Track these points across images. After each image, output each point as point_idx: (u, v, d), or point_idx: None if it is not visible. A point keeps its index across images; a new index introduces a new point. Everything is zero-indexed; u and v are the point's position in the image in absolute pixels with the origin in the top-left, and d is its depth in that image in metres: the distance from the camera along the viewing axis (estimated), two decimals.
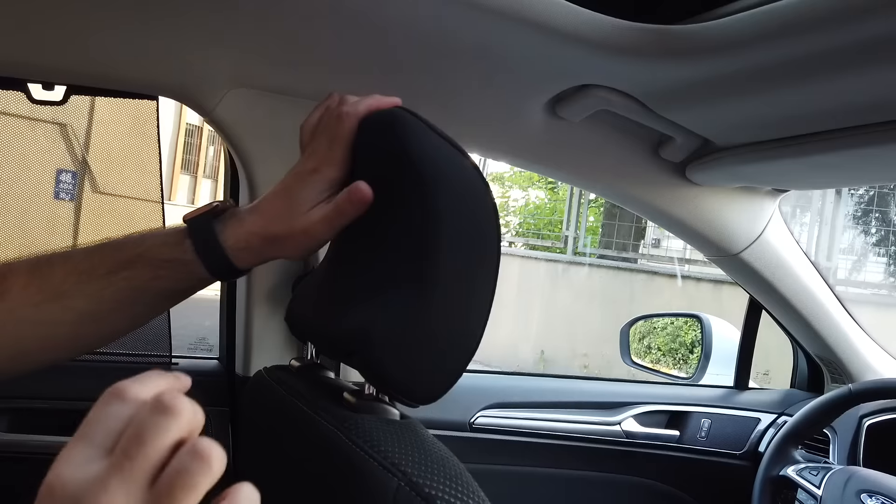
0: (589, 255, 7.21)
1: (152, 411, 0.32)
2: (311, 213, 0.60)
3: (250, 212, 0.62)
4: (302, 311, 0.71)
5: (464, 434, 1.30)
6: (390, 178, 0.57)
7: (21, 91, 0.90)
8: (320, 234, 0.60)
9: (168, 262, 0.61)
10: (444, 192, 0.55)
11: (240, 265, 0.62)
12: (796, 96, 0.85)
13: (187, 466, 0.31)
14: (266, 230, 0.61)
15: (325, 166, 0.60)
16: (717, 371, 1.61)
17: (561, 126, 1.07)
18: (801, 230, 5.89)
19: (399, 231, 0.56)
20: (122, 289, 0.60)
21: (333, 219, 0.59)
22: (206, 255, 0.61)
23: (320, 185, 0.60)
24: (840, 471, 1.16)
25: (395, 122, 0.58)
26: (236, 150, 0.98)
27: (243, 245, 0.61)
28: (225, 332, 1.15)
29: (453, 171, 0.56)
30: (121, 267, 0.60)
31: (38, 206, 4.61)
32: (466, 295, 0.57)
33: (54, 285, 0.59)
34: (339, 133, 0.60)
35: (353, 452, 0.52)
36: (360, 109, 0.60)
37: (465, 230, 0.56)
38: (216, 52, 0.89)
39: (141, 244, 0.62)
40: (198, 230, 0.61)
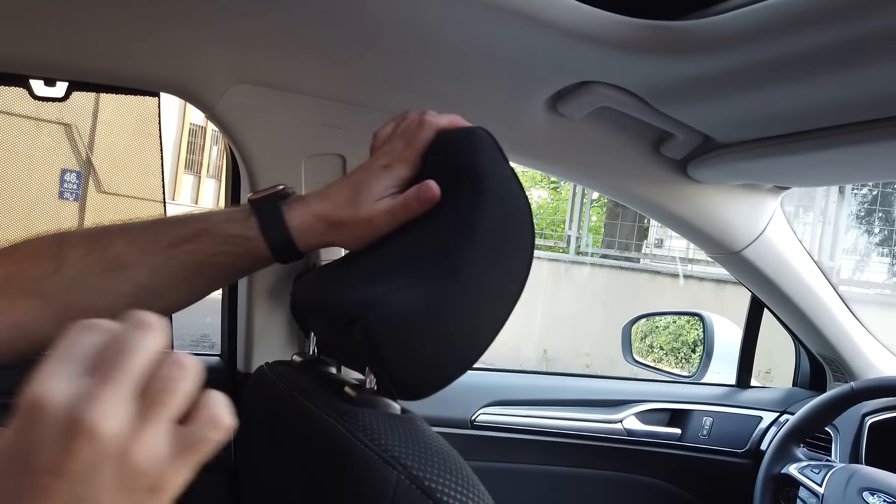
0: (591, 254, 7.21)
1: (132, 327, 0.33)
2: (377, 203, 0.62)
3: (317, 196, 0.65)
4: (309, 286, 0.71)
5: (465, 431, 1.30)
6: (449, 185, 0.59)
7: (23, 87, 0.90)
8: (382, 225, 0.62)
9: (232, 238, 0.62)
10: (494, 206, 0.57)
11: (301, 246, 0.64)
12: (798, 92, 0.85)
13: (170, 373, 0.32)
14: (332, 214, 0.63)
15: (398, 164, 0.63)
16: (718, 369, 1.61)
17: (562, 123, 1.07)
18: (804, 230, 5.87)
19: (440, 229, 0.58)
20: (183, 262, 0.61)
21: (399, 212, 0.61)
22: (270, 232, 0.62)
23: (390, 180, 0.63)
24: (842, 469, 1.16)
25: (472, 136, 0.61)
26: (237, 145, 0.98)
27: (307, 226, 0.63)
28: (226, 328, 1.15)
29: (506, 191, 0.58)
30: (184, 241, 0.61)
31: (44, 206, 4.63)
32: (487, 300, 0.58)
33: (115, 255, 0.60)
34: (418, 137, 0.63)
35: (353, 445, 0.53)
36: (441, 121, 0.64)
37: (502, 243, 0.58)
38: (218, 47, 0.90)
39: (206, 220, 0.63)
40: (264, 209, 0.63)
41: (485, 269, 0.56)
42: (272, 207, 0.63)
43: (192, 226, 0.63)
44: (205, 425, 0.33)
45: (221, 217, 0.64)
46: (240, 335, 1.08)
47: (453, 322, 0.56)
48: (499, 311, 0.59)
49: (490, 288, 0.57)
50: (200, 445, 0.33)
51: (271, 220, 0.63)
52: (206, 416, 0.33)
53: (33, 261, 0.59)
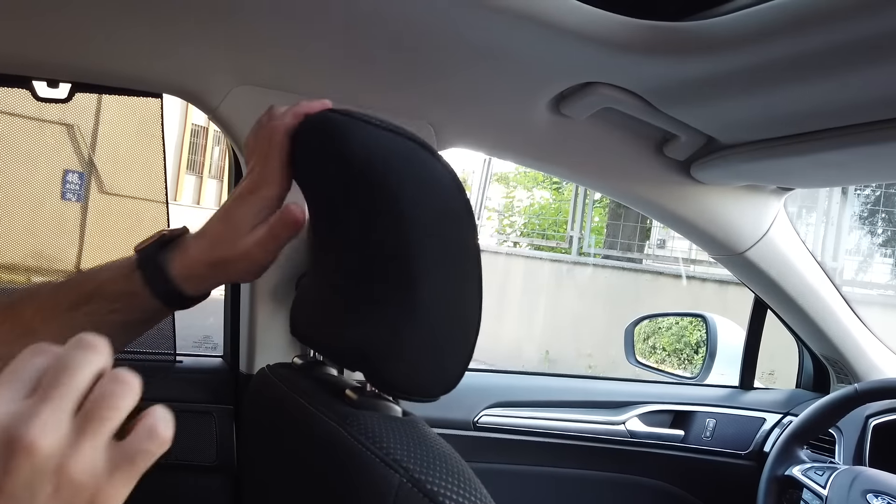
0: (594, 255, 7.20)
1: (75, 347, 0.34)
2: (249, 235, 0.60)
3: (196, 237, 0.62)
4: (304, 322, 0.71)
5: (468, 433, 1.30)
6: (341, 183, 0.56)
7: (26, 89, 0.90)
8: (260, 258, 0.60)
9: (121, 295, 0.61)
10: (400, 189, 0.53)
11: (190, 293, 0.62)
12: (802, 93, 0.84)
13: (111, 389, 0.33)
14: (210, 255, 0.61)
15: (262, 185, 0.60)
16: (722, 371, 1.61)
17: (565, 124, 1.07)
18: (807, 230, 5.86)
19: (368, 235, 0.55)
20: (82, 323, 0.60)
21: (269, 242, 0.59)
22: (154, 286, 0.61)
23: (258, 204, 0.60)
24: (846, 471, 1.16)
25: (327, 127, 0.57)
26: (240, 147, 0.98)
27: (188, 273, 0.61)
28: (229, 330, 1.15)
29: (408, 165, 0.54)
30: (81, 302, 0.60)
31: (46, 207, 4.64)
32: (453, 292, 0.56)
33: (25, 322, 0.60)
34: (271, 149, 0.59)
35: (355, 448, 0.52)
36: (287, 122, 0.59)
37: (436, 227, 0.54)
38: (221, 49, 0.90)
39: (96, 278, 0.62)
40: (146, 262, 0.61)
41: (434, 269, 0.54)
42: (154, 259, 0.61)
43: (87, 286, 0.61)
44: (143, 438, 0.34)
45: (110, 274, 0.62)
46: (242, 337, 1.08)
47: (431, 323, 0.56)
48: (469, 297, 0.58)
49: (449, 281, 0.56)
50: (139, 458, 0.34)
51: (153, 273, 0.61)
52: (145, 428, 0.34)
53: None
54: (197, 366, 1.16)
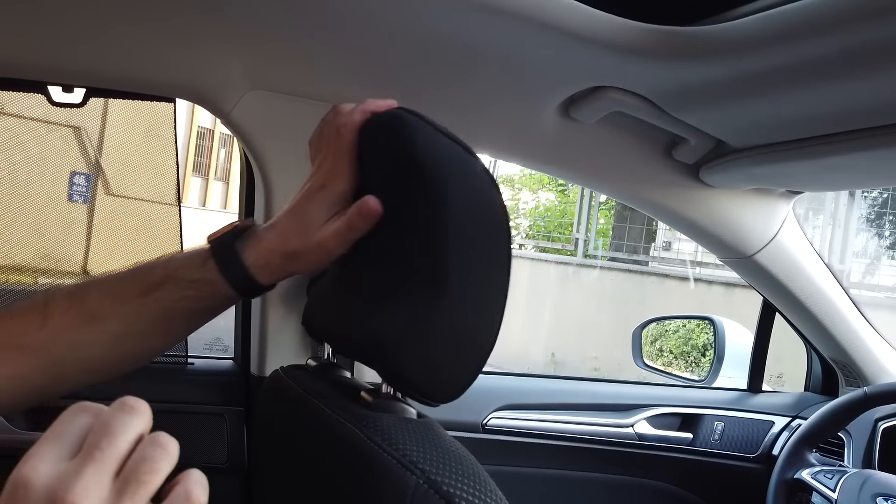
0: (600, 257, 7.20)
1: (118, 410, 0.35)
2: (324, 228, 0.61)
3: (268, 230, 0.64)
4: (318, 316, 0.71)
5: (477, 435, 1.30)
6: (399, 181, 0.57)
7: (41, 93, 0.91)
8: (334, 249, 0.62)
9: (194, 282, 0.63)
10: (451, 193, 0.54)
11: (262, 281, 0.64)
12: (811, 97, 0.85)
13: (150, 454, 0.34)
14: (284, 247, 0.63)
15: (332, 181, 0.62)
16: (729, 374, 1.61)
17: (574, 128, 1.08)
18: (814, 233, 5.85)
19: (409, 233, 0.57)
20: (152, 310, 0.62)
21: (345, 233, 0.60)
22: (229, 273, 0.62)
23: (330, 199, 0.62)
24: (855, 474, 1.16)
25: (395, 125, 0.58)
26: (252, 151, 0.99)
27: (263, 263, 0.63)
28: (240, 332, 1.16)
29: (460, 170, 0.56)
30: (151, 289, 0.62)
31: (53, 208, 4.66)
32: (479, 296, 0.57)
33: (91, 309, 0.62)
34: (340, 146, 0.61)
35: (372, 450, 0.53)
36: (355, 119, 0.61)
37: (475, 231, 0.56)
38: (234, 54, 0.90)
39: (168, 266, 0.64)
40: (220, 250, 0.63)
41: (466, 269, 0.55)
42: (228, 248, 0.63)
43: (157, 273, 0.63)
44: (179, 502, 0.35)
45: (182, 262, 0.64)
46: (253, 339, 1.09)
47: (452, 323, 0.56)
48: (493, 303, 0.58)
49: (477, 285, 0.57)
50: None
51: (228, 261, 0.63)
52: (181, 493, 0.35)
53: (22, 317, 0.62)
54: (208, 368, 1.17)
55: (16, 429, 1.02)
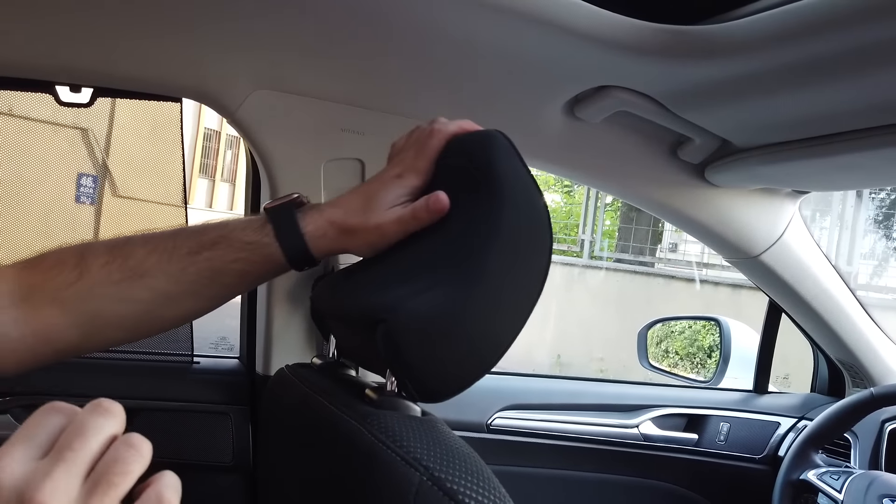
0: (605, 258, 7.19)
1: (91, 411, 0.35)
2: (388, 212, 0.63)
3: (331, 204, 0.66)
4: (328, 290, 0.72)
5: (481, 435, 1.30)
6: (466, 189, 0.59)
7: (49, 93, 0.92)
8: (392, 233, 0.63)
9: (249, 245, 0.64)
10: (512, 208, 0.57)
11: (315, 252, 0.65)
12: (817, 96, 0.84)
13: (122, 455, 0.34)
14: (344, 220, 0.64)
15: (409, 174, 0.64)
16: (735, 375, 1.60)
17: (579, 127, 1.08)
18: (821, 234, 5.82)
19: (458, 232, 0.59)
20: (202, 269, 0.63)
21: (408, 221, 0.62)
22: (285, 239, 0.64)
23: (401, 189, 0.64)
24: (862, 475, 1.15)
25: (487, 140, 0.61)
26: (258, 150, 0.99)
27: (321, 233, 0.64)
28: (245, 331, 1.16)
29: (524, 194, 0.58)
30: (202, 248, 0.63)
31: (60, 210, 4.69)
32: (510, 296, 0.58)
33: (136, 264, 0.61)
34: (428, 146, 0.64)
35: (376, 447, 0.53)
36: (450, 129, 0.65)
37: (519, 245, 0.58)
38: (239, 54, 0.91)
39: (224, 227, 0.64)
40: (279, 216, 0.65)
41: (504, 272, 0.57)
42: (287, 215, 0.64)
43: (211, 234, 0.64)
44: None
45: (238, 225, 0.65)
46: (259, 338, 1.09)
47: (473, 324, 0.56)
48: (517, 314, 0.59)
49: (509, 291, 0.58)
50: None
51: (286, 227, 0.64)
52: (152, 495, 0.35)
53: (56, 270, 0.61)
54: (214, 367, 1.18)
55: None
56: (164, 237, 0.64)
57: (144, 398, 1.08)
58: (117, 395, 0.96)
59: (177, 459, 1.08)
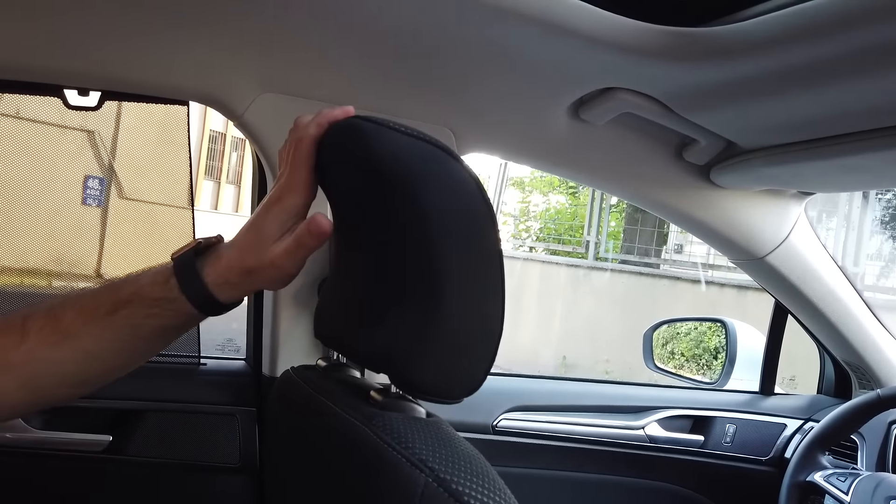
0: (611, 260, 7.17)
1: None
2: (276, 245, 0.61)
3: (228, 247, 0.64)
4: (327, 325, 0.72)
5: (486, 436, 1.30)
6: (368, 187, 0.57)
7: (58, 97, 0.93)
8: (287, 266, 0.62)
9: (158, 301, 0.63)
10: (424, 191, 0.54)
11: (223, 300, 0.64)
12: (822, 98, 0.84)
13: None
14: (241, 264, 0.62)
15: (287, 194, 0.61)
16: (741, 376, 1.60)
17: (584, 129, 1.08)
18: (828, 235, 5.80)
19: (393, 238, 0.56)
20: (120, 327, 0.63)
21: (295, 251, 0.61)
22: (190, 292, 0.62)
23: (284, 214, 0.61)
24: (868, 477, 1.15)
25: (352, 133, 0.58)
26: (264, 153, 1.00)
27: (223, 280, 0.63)
28: (252, 333, 1.16)
29: (430, 170, 0.55)
30: (119, 306, 0.62)
31: (67, 212, 4.71)
32: (476, 296, 0.57)
33: (65, 326, 0.62)
34: (297, 158, 0.61)
35: (382, 448, 0.53)
36: (311, 132, 0.61)
37: (459, 231, 0.55)
38: (246, 58, 0.92)
39: (135, 283, 0.64)
40: (182, 268, 0.63)
41: (456, 267, 0.55)
42: (189, 266, 0.63)
43: (125, 291, 0.63)
44: None
45: (148, 280, 0.64)
46: (265, 340, 1.10)
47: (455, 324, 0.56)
48: (492, 300, 0.58)
49: (472, 283, 0.56)
50: None
51: (189, 279, 0.62)
52: None
53: (2, 335, 0.62)
54: (221, 368, 1.18)
55: (32, 428, 1.04)
56: (90, 296, 0.64)
57: (152, 399, 1.08)
58: (125, 397, 0.98)
59: (184, 460, 1.09)
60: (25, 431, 1.03)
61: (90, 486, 1.07)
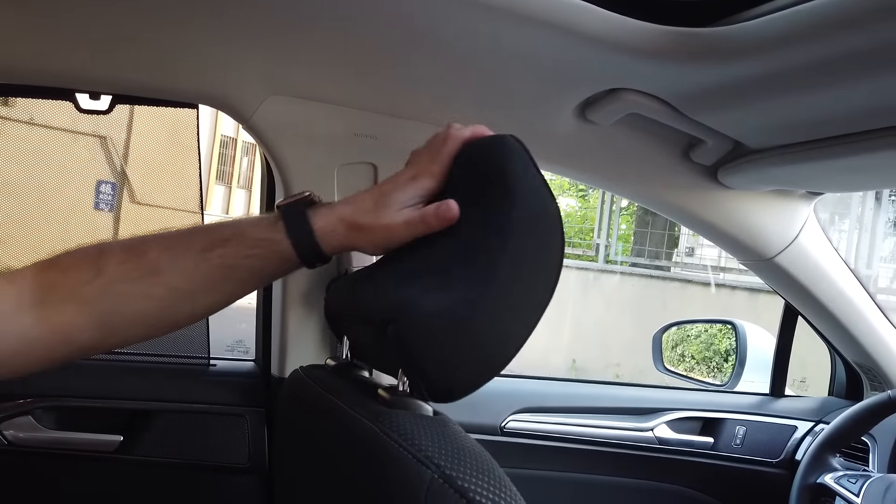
0: (621, 263, 7.15)
1: None
2: (398, 213, 0.64)
3: (344, 202, 0.67)
4: (342, 291, 0.73)
5: (495, 438, 1.30)
6: (479, 192, 0.60)
7: (69, 101, 0.94)
8: (400, 235, 0.64)
9: (261, 241, 0.64)
10: (524, 211, 0.58)
11: (325, 248, 0.66)
12: (829, 97, 0.84)
13: None
14: (353, 218, 0.65)
15: (423, 176, 0.65)
16: (752, 378, 1.59)
17: (591, 130, 1.08)
18: (840, 237, 5.75)
19: (471, 234, 0.59)
20: (214, 266, 0.63)
21: (417, 224, 0.63)
22: (295, 235, 0.64)
23: (413, 191, 0.65)
24: (880, 479, 1.14)
25: (499, 143, 0.62)
26: (272, 155, 1.01)
27: (330, 228, 0.65)
28: (261, 334, 1.17)
29: (536, 196, 0.59)
30: (215, 245, 0.64)
31: (79, 216, 4.76)
32: (523, 297, 0.58)
33: (150, 262, 0.62)
34: (443, 150, 0.65)
35: (388, 445, 0.54)
36: (464, 133, 0.66)
37: (530, 248, 0.58)
38: (254, 61, 0.92)
39: (237, 225, 0.66)
40: (290, 213, 0.65)
41: (516, 274, 0.57)
42: (298, 212, 0.65)
43: (223, 231, 0.65)
44: None
45: (251, 222, 0.66)
46: (274, 340, 1.10)
47: (484, 324, 0.57)
48: (529, 315, 0.59)
49: (520, 292, 0.58)
50: None
51: (297, 223, 0.64)
52: None
53: (74, 269, 0.62)
54: (230, 369, 1.19)
55: (44, 428, 1.05)
56: (178, 235, 0.65)
57: (162, 400, 1.09)
58: (136, 398, 0.99)
59: (194, 460, 1.10)
60: (37, 431, 1.04)
61: (101, 486, 1.08)
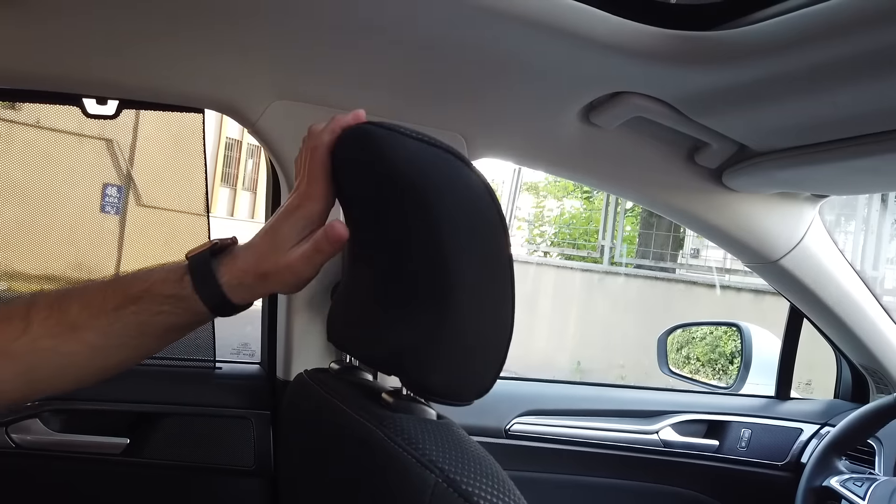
0: (625, 264, 7.14)
1: None
2: (293, 250, 0.62)
3: (244, 249, 0.65)
4: (340, 330, 0.73)
5: (499, 441, 1.30)
6: (380, 193, 0.58)
7: (76, 106, 0.95)
8: (305, 271, 0.63)
9: (170, 298, 0.63)
10: (436, 196, 0.55)
11: (235, 301, 0.64)
12: (834, 100, 0.84)
13: None
14: (257, 267, 0.63)
15: (306, 202, 0.63)
16: (757, 381, 1.59)
17: (595, 134, 1.08)
18: (846, 239, 5.73)
19: (406, 243, 0.57)
20: (128, 324, 0.63)
21: (312, 256, 0.62)
22: (203, 291, 0.63)
23: (301, 221, 0.63)
24: (886, 482, 1.13)
25: (364, 138, 0.59)
26: (278, 159, 1.01)
27: (237, 282, 0.64)
28: (266, 337, 1.18)
29: (443, 174, 0.56)
30: (128, 302, 0.63)
31: (86, 220, 4.78)
32: (486, 299, 0.58)
33: (70, 319, 0.62)
34: (313, 166, 0.63)
35: (393, 449, 0.54)
36: (325, 139, 0.62)
37: (470, 234, 0.56)
38: (259, 65, 0.93)
39: (147, 279, 0.64)
40: (196, 267, 0.64)
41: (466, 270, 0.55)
42: (205, 265, 0.64)
43: (136, 287, 0.64)
44: None
45: (160, 276, 0.64)
46: (279, 344, 1.11)
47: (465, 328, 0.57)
48: (502, 299, 0.59)
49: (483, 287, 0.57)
50: None
51: (203, 279, 0.63)
52: None
53: (5, 323, 0.62)
54: (235, 372, 1.19)
55: (51, 430, 1.05)
56: (97, 290, 0.64)
57: (168, 403, 1.10)
58: (142, 400, 0.99)
59: (200, 463, 1.10)
60: (44, 433, 1.05)
61: (107, 488, 1.09)
